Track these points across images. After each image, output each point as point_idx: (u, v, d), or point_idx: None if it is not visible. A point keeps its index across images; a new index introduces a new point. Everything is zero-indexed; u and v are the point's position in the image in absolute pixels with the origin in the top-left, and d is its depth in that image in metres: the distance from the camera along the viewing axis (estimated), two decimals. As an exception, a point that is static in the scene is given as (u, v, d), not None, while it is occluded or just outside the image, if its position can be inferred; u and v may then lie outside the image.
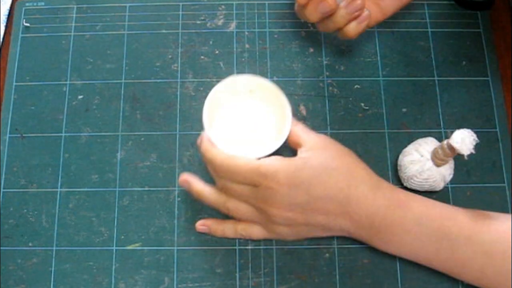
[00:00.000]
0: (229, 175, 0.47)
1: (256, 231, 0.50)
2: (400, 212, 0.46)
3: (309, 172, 0.46)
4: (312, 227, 0.48)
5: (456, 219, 0.46)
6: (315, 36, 0.61)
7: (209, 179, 0.54)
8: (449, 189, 0.55)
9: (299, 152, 0.48)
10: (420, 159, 0.51)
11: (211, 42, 0.60)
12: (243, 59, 0.60)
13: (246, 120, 0.53)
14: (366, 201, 0.46)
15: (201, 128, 0.56)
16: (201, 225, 0.53)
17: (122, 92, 0.59)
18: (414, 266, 0.51)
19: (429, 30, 0.61)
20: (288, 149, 0.50)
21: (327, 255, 0.53)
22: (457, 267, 0.46)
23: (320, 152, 0.47)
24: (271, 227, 0.49)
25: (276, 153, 0.48)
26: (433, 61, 0.60)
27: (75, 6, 0.62)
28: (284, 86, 0.55)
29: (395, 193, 0.47)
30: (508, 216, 0.47)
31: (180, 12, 0.62)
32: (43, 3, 0.62)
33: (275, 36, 0.61)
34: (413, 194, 0.48)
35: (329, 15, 0.51)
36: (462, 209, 0.47)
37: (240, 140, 0.52)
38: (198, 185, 0.51)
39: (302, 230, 0.49)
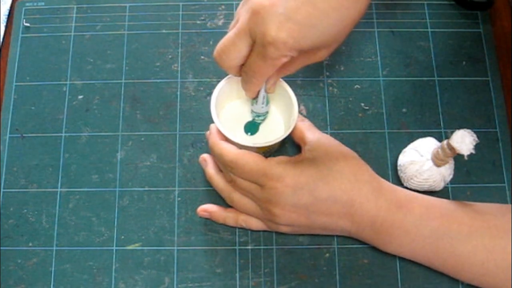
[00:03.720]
0: (235, 172, 0.48)
1: (255, 223, 0.51)
2: (400, 214, 0.46)
3: (314, 174, 0.46)
4: (313, 228, 0.49)
5: (455, 216, 0.46)
6: (315, 36, 0.61)
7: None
8: (449, 189, 0.55)
9: (303, 151, 0.49)
10: (420, 159, 0.51)
11: (211, 42, 0.60)
12: (243, 59, 0.60)
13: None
14: (368, 204, 0.46)
15: (201, 128, 0.57)
16: (203, 210, 0.53)
17: (122, 92, 0.58)
18: (414, 266, 0.51)
19: (429, 30, 0.61)
20: (293, 144, 0.50)
21: (327, 255, 0.53)
22: (458, 265, 0.46)
23: (324, 153, 0.48)
24: (271, 225, 0.50)
25: (283, 146, 0.48)
26: (433, 61, 0.60)
27: (75, 6, 0.62)
28: (284, 86, 0.55)
29: (395, 195, 0.48)
30: (507, 208, 0.47)
31: (180, 12, 0.62)
32: (43, 3, 0.62)
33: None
34: (413, 193, 0.49)
35: None
36: (462, 205, 0.48)
37: (246, 136, 0.53)
38: (211, 170, 0.52)
39: (302, 229, 0.50)
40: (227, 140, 0.49)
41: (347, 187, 0.46)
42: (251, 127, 0.53)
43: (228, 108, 0.54)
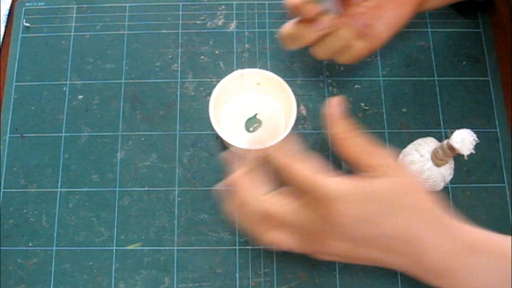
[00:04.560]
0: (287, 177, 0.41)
1: (288, 245, 0.43)
2: (473, 258, 0.41)
3: (379, 207, 0.39)
4: (358, 259, 0.42)
5: None
6: (315, 36, 0.61)
7: (211, 179, 0.54)
8: (449, 189, 0.55)
9: (365, 176, 0.41)
10: (420, 159, 0.51)
11: (211, 42, 0.60)
12: (243, 59, 0.60)
13: (253, 112, 0.55)
14: (434, 244, 0.40)
15: (201, 128, 0.57)
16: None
17: (122, 92, 0.59)
18: (414, 266, 0.51)
19: (429, 30, 0.61)
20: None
21: (327, 255, 0.53)
22: None
23: (395, 184, 0.40)
24: (315, 255, 0.43)
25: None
26: (433, 61, 0.60)
27: (75, 6, 0.62)
28: (284, 86, 0.55)
29: (464, 235, 0.41)
30: None
31: (180, 12, 0.62)
32: (43, 3, 0.62)
33: (275, 36, 0.61)
34: (480, 231, 0.42)
35: (329, 34, 0.46)
36: None
37: (247, 133, 0.54)
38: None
39: (344, 260, 0.43)
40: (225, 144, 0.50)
41: (412, 224, 0.40)
42: (253, 123, 0.53)
43: (230, 104, 0.55)
